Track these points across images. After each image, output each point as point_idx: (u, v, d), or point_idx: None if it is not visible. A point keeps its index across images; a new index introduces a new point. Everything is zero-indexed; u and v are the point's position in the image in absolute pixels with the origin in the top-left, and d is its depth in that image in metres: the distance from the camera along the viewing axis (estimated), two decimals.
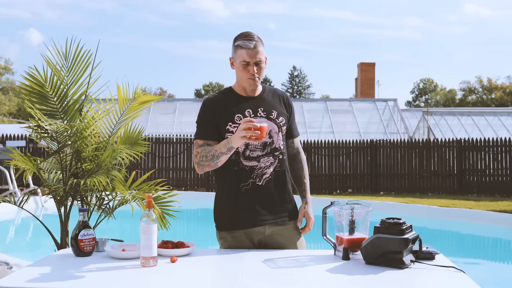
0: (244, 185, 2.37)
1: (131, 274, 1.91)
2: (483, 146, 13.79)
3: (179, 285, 1.83)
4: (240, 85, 2.45)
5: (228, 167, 2.37)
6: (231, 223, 2.41)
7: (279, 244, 2.43)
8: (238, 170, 2.37)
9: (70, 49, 3.65)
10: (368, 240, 2.01)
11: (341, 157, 14.56)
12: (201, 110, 2.44)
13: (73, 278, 1.85)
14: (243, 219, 2.38)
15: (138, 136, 3.88)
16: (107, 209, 3.68)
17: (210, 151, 2.30)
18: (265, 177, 2.39)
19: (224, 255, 2.24)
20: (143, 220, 1.99)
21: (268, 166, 2.40)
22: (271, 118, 2.43)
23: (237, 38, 2.39)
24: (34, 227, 8.92)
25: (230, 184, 2.39)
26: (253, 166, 2.37)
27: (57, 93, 3.60)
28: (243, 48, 2.34)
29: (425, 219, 9.54)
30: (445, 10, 79.43)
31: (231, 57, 2.44)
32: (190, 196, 12.64)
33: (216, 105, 2.41)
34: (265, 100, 2.47)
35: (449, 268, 1.95)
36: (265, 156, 2.39)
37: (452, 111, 23.04)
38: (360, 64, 25.76)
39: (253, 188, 2.38)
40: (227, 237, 2.42)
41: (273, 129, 2.43)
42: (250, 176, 2.37)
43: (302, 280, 1.83)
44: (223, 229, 2.43)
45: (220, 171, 2.41)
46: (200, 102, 20.39)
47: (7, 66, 44.44)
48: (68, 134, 3.46)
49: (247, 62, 2.35)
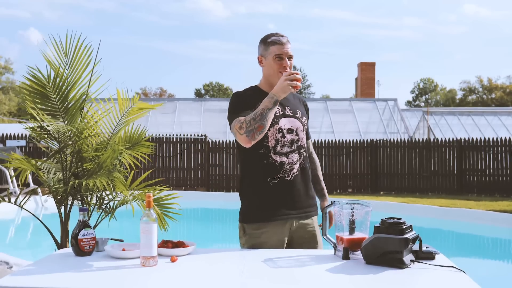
0: (273, 179, 2.45)
1: (131, 273, 1.91)
2: (483, 146, 13.79)
3: (179, 285, 1.83)
4: (268, 82, 2.53)
5: (258, 161, 2.45)
6: (259, 216, 2.46)
7: (304, 239, 2.52)
8: (268, 164, 2.45)
9: (70, 45, 3.61)
10: (368, 240, 2.01)
11: (341, 157, 14.57)
12: (234, 99, 2.48)
13: (73, 278, 1.85)
14: (271, 212, 2.45)
15: (141, 136, 3.87)
16: (107, 209, 3.68)
17: (255, 113, 2.30)
18: (293, 172, 2.49)
19: (224, 255, 2.24)
20: (143, 219, 1.99)
21: (295, 162, 2.50)
22: (297, 117, 2.56)
23: (268, 37, 2.51)
24: (34, 227, 8.92)
25: (259, 177, 2.47)
26: (282, 162, 2.47)
27: (59, 93, 3.60)
28: (276, 44, 2.46)
29: (425, 219, 9.53)
30: (444, 10, 79.58)
31: (259, 56, 2.54)
32: (190, 196, 12.64)
33: (246, 97, 2.49)
34: (289, 100, 2.59)
35: (449, 268, 1.95)
36: (292, 152, 2.49)
37: (452, 111, 23.04)
38: (360, 64, 25.76)
39: (281, 183, 2.46)
40: (253, 233, 2.45)
41: (299, 127, 2.54)
42: (280, 171, 2.46)
43: (302, 280, 1.83)
44: (251, 221, 2.47)
45: (250, 164, 2.49)
46: (200, 102, 20.43)
47: (7, 66, 44.45)
48: (69, 134, 3.46)
49: (281, 56, 2.46)
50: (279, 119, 2.47)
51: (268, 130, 2.42)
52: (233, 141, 14.92)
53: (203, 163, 14.76)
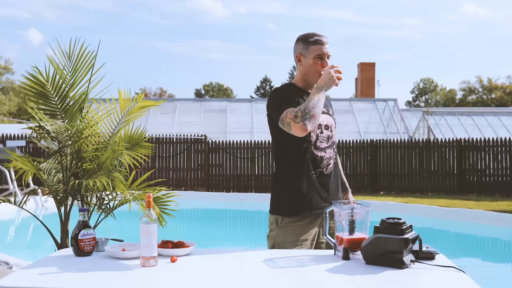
0: (314, 173, 2.55)
1: (131, 274, 1.91)
2: (483, 146, 13.79)
3: (179, 285, 1.83)
4: (305, 80, 2.60)
5: (301, 155, 2.52)
6: (299, 208, 2.51)
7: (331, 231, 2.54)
8: (310, 159, 2.54)
9: (74, 49, 3.64)
10: (368, 240, 2.01)
11: (341, 157, 14.56)
12: (276, 94, 2.54)
13: (73, 278, 1.85)
14: (312, 205, 2.52)
15: (140, 137, 3.87)
16: (107, 209, 3.68)
17: (307, 102, 2.37)
18: (330, 167, 2.60)
19: (224, 255, 2.24)
20: (143, 220, 1.99)
21: (331, 157, 2.61)
22: (330, 114, 2.67)
23: (308, 36, 2.55)
24: (34, 227, 8.92)
25: (301, 171, 2.53)
26: (322, 156, 2.56)
27: (59, 93, 3.60)
28: (317, 44, 2.53)
29: (425, 219, 9.53)
30: (444, 10, 79.52)
31: (298, 54, 2.58)
32: (190, 196, 12.65)
33: (287, 92, 2.55)
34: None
35: (449, 268, 1.95)
36: (329, 148, 2.61)
37: (452, 111, 23.03)
38: (360, 64, 25.76)
39: (321, 176, 2.56)
40: (289, 225, 2.50)
41: (332, 124, 2.66)
42: (320, 165, 2.55)
43: (302, 280, 1.83)
44: (290, 214, 2.51)
45: (291, 158, 2.54)
46: (200, 102, 20.44)
47: (7, 66, 44.45)
48: (69, 134, 3.46)
49: (321, 56, 2.53)
50: None
51: None
52: (233, 141, 14.91)
53: (203, 163, 14.76)
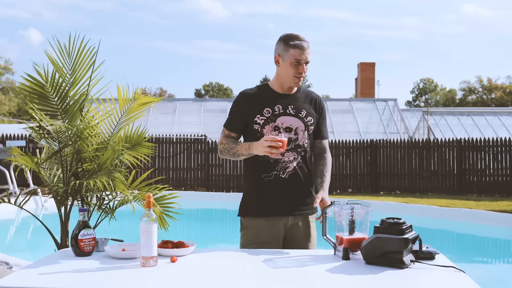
0: (267, 176, 2.50)
1: (131, 274, 1.91)
2: (483, 146, 13.79)
3: (179, 285, 1.83)
4: (279, 81, 2.58)
5: (254, 157, 2.50)
6: (254, 210, 2.54)
7: (297, 238, 2.55)
8: (263, 161, 2.50)
9: (74, 45, 3.60)
10: (368, 240, 2.01)
11: (341, 157, 14.56)
12: (236, 102, 2.60)
13: (73, 278, 1.85)
14: (265, 208, 2.51)
15: (141, 137, 3.86)
16: (108, 209, 3.68)
17: (233, 149, 2.51)
18: (288, 170, 2.52)
19: (224, 255, 2.24)
20: (143, 220, 1.99)
21: (292, 161, 2.52)
22: (300, 117, 2.56)
23: (289, 38, 2.51)
24: (34, 227, 8.91)
25: (254, 174, 2.54)
26: (277, 160, 2.50)
27: (58, 93, 3.59)
28: (297, 48, 2.49)
29: (425, 219, 9.53)
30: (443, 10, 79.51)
31: (276, 55, 2.55)
32: (190, 196, 12.64)
33: (249, 99, 2.56)
34: (297, 99, 2.60)
35: (449, 268, 1.95)
36: (289, 151, 2.51)
37: (452, 111, 23.03)
38: (360, 64, 25.75)
39: (276, 180, 2.50)
40: (250, 226, 2.53)
41: (300, 127, 2.55)
42: (274, 168, 2.50)
43: (302, 280, 1.83)
44: (246, 214, 2.56)
45: (247, 161, 2.57)
46: (200, 102, 20.44)
47: (7, 66, 44.45)
48: (69, 134, 3.46)
49: (299, 61, 2.49)
50: (276, 117, 2.51)
51: (263, 128, 2.50)
52: None
53: (203, 163, 14.76)
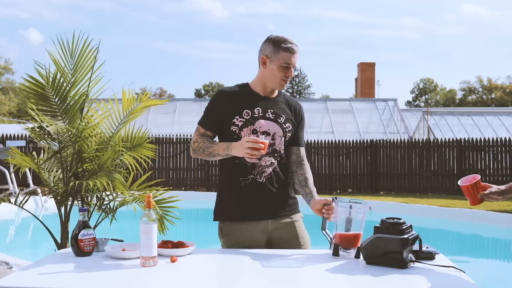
0: (244, 179, 2.45)
1: (131, 274, 1.91)
2: (483, 146, 13.79)
3: (179, 285, 1.83)
4: (262, 83, 2.51)
5: (230, 160, 2.44)
6: (230, 214, 2.47)
7: (283, 240, 2.48)
8: (240, 164, 2.44)
9: (77, 45, 3.58)
10: (368, 240, 2.01)
11: (341, 157, 14.56)
12: (214, 99, 2.52)
13: (73, 278, 1.85)
14: (242, 211, 2.45)
15: (143, 138, 3.85)
16: (108, 210, 3.68)
17: (209, 148, 2.43)
18: (265, 175, 2.46)
19: (224, 255, 2.24)
20: (143, 220, 1.99)
21: (268, 166, 2.47)
22: (278, 122, 2.49)
23: (280, 41, 2.44)
24: (34, 227, 8.91)
25: (230, 177, 2.48)
26: (254, 163, 2.45)
27: (59, 93, 3.59)
28: (289, 52, 2.42)
29: (425, 219, 9.53)
30: (443, 10, 79.56)
31: (264, 56, 2.47)
32: (190, 196, 12.63)
33: (229, 98, 2.48)
34: (278, 104, 2.54)
35: (449, 268, 1.95)
36: (266, 155, 2.45)
37: (452, 111, 23.03)
38: (360, 64, 25.75)
39: (252, 184, 2.45)
40: (230, 233, 2.45)
41: (278, 132, 2.49)
42: (251, 172, 2.45)
43: (302, 280, 1.83)
44: (223, 219, 2.49)
45: (223, 163, 2.50)
46: (200, 102, 20.42)
47: (7, 66, 44.45)
48: (69, 135, 3.45)
49: (289, 65, 2.43)
50: (255, 120, 2.44)
51: (241, 130, 2.43)
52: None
53: (203, 163, 14.76)
